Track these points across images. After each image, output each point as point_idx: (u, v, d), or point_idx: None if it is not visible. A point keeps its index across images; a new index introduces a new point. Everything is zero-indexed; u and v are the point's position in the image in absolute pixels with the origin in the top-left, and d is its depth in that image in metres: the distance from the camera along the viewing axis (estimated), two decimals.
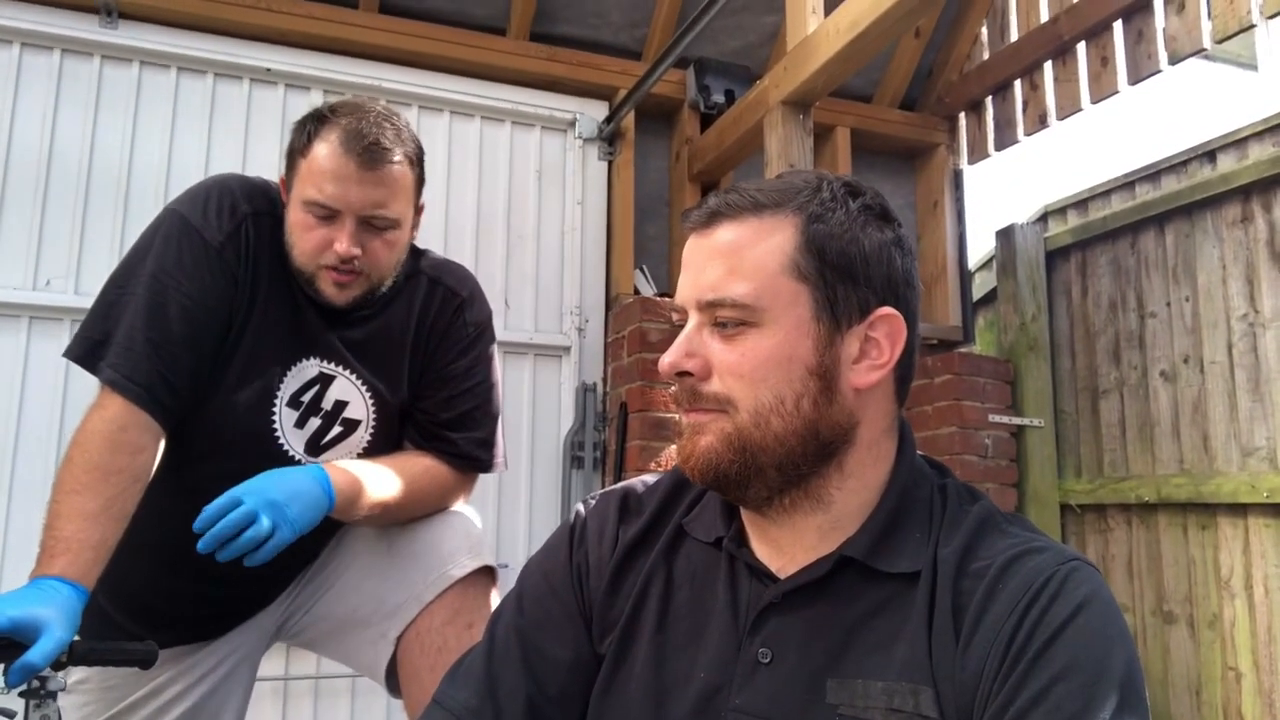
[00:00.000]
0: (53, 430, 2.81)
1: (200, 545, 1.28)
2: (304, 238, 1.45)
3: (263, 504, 1.31)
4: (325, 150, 1.42)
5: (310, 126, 1.46)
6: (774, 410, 0.85)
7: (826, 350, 0.86)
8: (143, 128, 3.07)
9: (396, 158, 1.45)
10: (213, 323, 1.45)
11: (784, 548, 0.90)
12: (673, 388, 0.91)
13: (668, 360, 0.88)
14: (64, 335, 2.87)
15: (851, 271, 0.87)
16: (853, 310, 0.87)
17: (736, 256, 0.86)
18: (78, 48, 3.02)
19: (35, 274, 2.89)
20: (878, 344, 0.88)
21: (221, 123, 3.16)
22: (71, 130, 2.99)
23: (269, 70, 3.21)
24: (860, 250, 0.87)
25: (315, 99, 3.26)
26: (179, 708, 1.60)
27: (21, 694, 1.21)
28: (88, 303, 2.81)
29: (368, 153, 1.41)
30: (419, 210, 1.57)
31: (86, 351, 1.41)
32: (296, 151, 1.47)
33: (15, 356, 2.83)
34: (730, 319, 0.86)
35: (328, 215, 1.43)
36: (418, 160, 1.52)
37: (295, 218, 1.46)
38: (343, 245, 1.43)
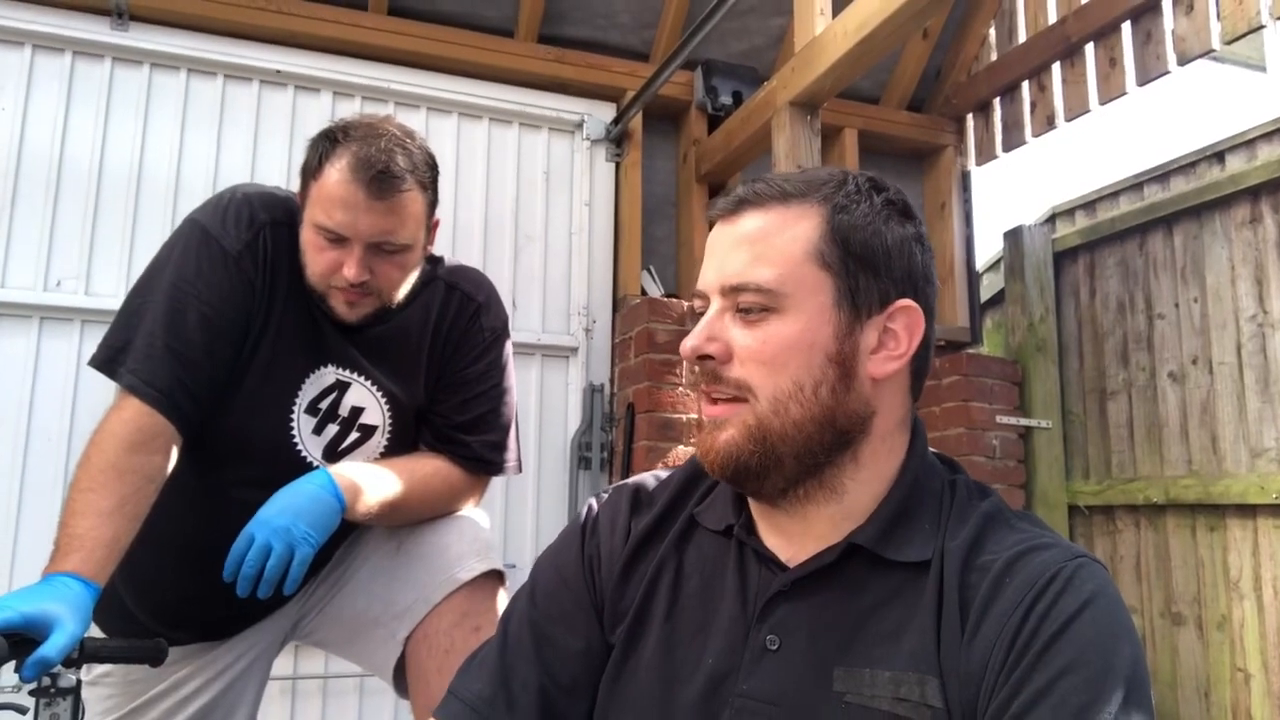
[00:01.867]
0: (63, 429, 2.83)
1: (239, 591, 1.35)
2: (315, 259, 1.47)
3: (272, 533, 1.36)
4: (335, 176, 1.42)
5: (322, 147, 1.45)
6: (793, 397, 0.86)
7: (846, 339, 0.87)
8: (153, 129, 3.09)
9: (406, 185, 1.44)
10: (231, 331, 1.46)
11: (794, 537, 0.91)
12: (694, 370, 0.92)
13: (690, 344, 0.89)
14: (74, 336, 2.88)
15: (873, 262, 0.88)
16: (873, 300, 0.88)
17: (762, 243, 0.88)
18: (88, 50, 3.04)
19: (46, 274, 2.90)
20: (895, 335, 0.89)
21: (231, 124, 3.18)
22: (82, 131, 3.00)
23: (278, 72, 3.23)
24: (883, 243, 0.89)
25: (324, 101, 3.28)
26: (197, 702, 1.63)
27: (32, 692, 1.22)
28: (98, 303, 2.87)
29: (376, 181, 1.40)
30: (433, 228, 1.58)
31: (108, 358, 1.43)
32: (309, 172, 1.47)
33: (26, 357, 2.84)
34: (753, 304, 0.87)
35: (337, 240, 1.44)
36: (430, 184, 1.51)
37: (307, 237, 1.48)
38: (351, 271, 1.44)
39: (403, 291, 1.54)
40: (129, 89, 3.08)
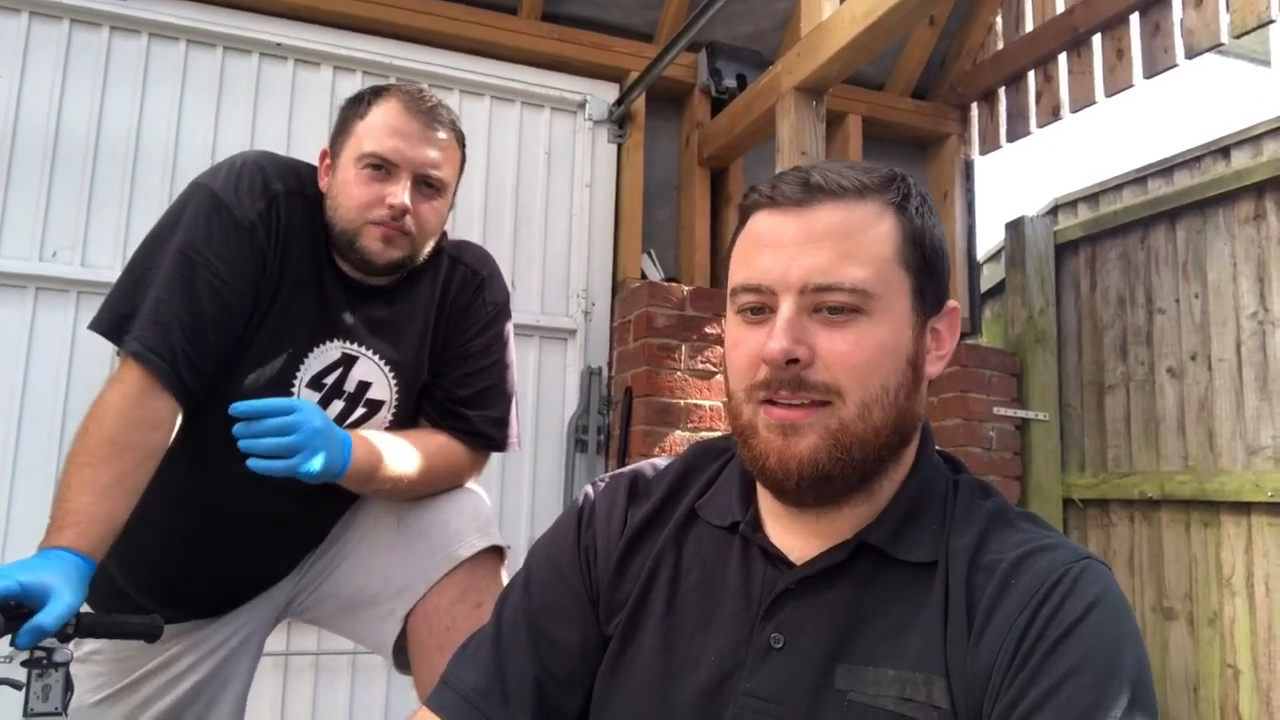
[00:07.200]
0: (58, 402, 2.80)
1: (235, 431, 1.30)
2: (353, 194, 1.46)
3: (309, 429, 1.33)
4: (387, 111, 1.48)
5: (368, 96, 1.52)
6: (878, 401, 0.83)
7: (919, 341, 0.87)
8: (151, 100, 3.05)
9: (452, 128, 1.54)
10: (240, 303, 1.44)
11: (812, 535, 0.90)
12: (759, 374, 0.84)
13: (779, 345, 0.82)
14: (70, 307, 2.86)
15: (936, 263, 0.89)
16: (933, 302, 0.89)
17: (849, 240, 0.84)
18: (86, 18, 2.99)
19: (42, 245, 2.87)
20: (940, 335, 0.90)
21: (230, 97, 3.14)
22: (79, 101, 2.97)
23: (279, 45, 3.19)
24: (939, 243, 0.89)
25: (325, 75, 3.25)
26: (188, 680, 1.62)
27: (24, 663, 1.21)
28: (94, 275, 2.85)
29: (431, 113, 1.50)
30: (452, 205, 1.60)
31: (114, 325, 1.40)
32: (352, 118, 1.51)
33: (21, 328, 2.82)
34: (844, 305, 0.83)
35: (384, 170, 1.46)
36: (463, 144, 1.59)
37: (346, 175, 1.48)
38: (397, 198, 1.45)
39: (429, 243, 1.55)
40: (127, 59, 3.04)
